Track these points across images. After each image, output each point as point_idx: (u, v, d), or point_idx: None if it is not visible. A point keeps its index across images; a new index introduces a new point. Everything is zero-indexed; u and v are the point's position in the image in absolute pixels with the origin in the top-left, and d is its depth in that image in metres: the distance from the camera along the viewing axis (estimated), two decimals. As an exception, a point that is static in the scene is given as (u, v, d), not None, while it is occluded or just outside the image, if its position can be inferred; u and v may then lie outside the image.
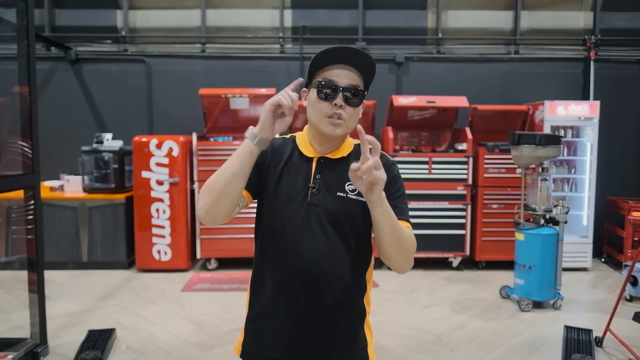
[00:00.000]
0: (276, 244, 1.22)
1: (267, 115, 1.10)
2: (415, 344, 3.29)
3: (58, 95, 5.53)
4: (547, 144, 3.91)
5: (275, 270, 1.22)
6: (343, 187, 1.22)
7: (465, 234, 4.99)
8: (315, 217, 1.20)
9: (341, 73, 1.17)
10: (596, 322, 3.66)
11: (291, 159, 1.26)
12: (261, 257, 1.26)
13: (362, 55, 1.17)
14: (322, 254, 1.19)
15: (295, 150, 1.27)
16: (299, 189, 1.22)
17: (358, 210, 1.21)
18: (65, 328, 3.50)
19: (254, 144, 1.10)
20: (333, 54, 1.17)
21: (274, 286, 1.22)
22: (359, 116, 1.23)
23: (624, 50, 5.61)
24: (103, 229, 4.93)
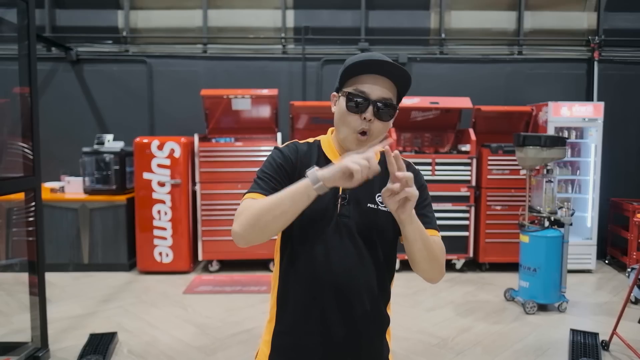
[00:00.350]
0: (306, 256, 1.18)
1: (338, 173, 0.99)
2: (421, 348, 3.26)
3: (59, 96, 5.50)
4: (552, 146, 3.88)
5: (305, 283, 1.18)
6: (373, 198, 1.19)
7: (469, 236, 4.95)
8: (345, 229, 1.17)
9: (373, 85, 1.12)
10: (602, 325, 3.63)
11: (319, 165, 1.19)
12: (288, 269, 1.22)
13: (398, 69, 1.12)
14: (353, 266, 1.17)
15: (321, 157, 1.22)
16: (328, 200, 1.17)
17: (388, 221, 1.18)
18: (66, 331, 3.46)
19: (314, 188, 1.01)
20: (368, 65, 1.12)
21: (304, 300, 1.18)
22: (388, 128, 1.19)
23: (627, 51, 5.58)
24: (104, 230, 4.89)
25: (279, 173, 1.17)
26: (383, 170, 1.20)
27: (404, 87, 1.16)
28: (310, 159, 1.21)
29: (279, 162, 1.18)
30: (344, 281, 1.17)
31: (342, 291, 1.17)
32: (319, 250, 1.17)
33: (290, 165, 1.18)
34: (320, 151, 1.24)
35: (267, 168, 1.18)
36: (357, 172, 0.96)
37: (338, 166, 0.99)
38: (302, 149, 1.23)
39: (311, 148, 1.24)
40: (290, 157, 1.19)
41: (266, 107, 5.06)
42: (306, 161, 1.21)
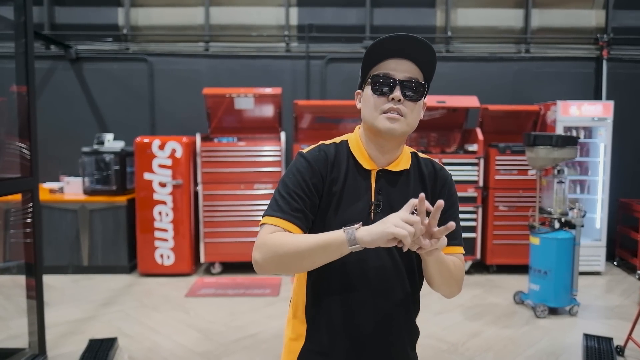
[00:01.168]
0: (339, 269, 1.09)
1: (381, 237, 0.90)
2: (431, 353, 3.17)
3: (58, 94, 5.40)
4: (564, 145, 3.79)
5: (341, 298, 1.10)
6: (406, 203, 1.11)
7: (476, 237, 4.86)
8: None
9: (398, 66, 1.06)
10: (615, 329, 3.54)
11: (349, 173, 1.12)
12: (318, 282, 1.13)
13: (420, 43, 1.04)
14: (389, 278, 1.11)
15: (350, 160, 1.13)
16: (361, 208, 1.10)
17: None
18: (65, 337, 3.37)
19: (349, 248, 0.94)
20: (387, 46, 1.05)
21: (340, 316, 1.10)
22: (421, 114, 1.11)
23: (637, 49, 5.49)
24: (104, 232, 4.80)
25: (305, 190, 1.07)
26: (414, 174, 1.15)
27: (429, 66, 1.08)
28: (340, 165, 1.12)
29: (305, 177, 1.08)
30: (381, 295, 1.10)
31: (380, 305, 1.10)
32: (354, 262, 1.08)
33: (320, 180, 1.09)
34: (348, 152, 1.14)
35: (292, 183, 1.07)
36: (405, 238, 0.88)
37: (381, 231, 0.90)
38: (331, 153, 1.13)
39: (339, 150, 1.15)
40: (318, 171, 1.09)
41: (269, 106, 4.97)
42: (336, 167, 1.11)
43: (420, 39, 1.04)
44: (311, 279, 1.15)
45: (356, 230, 0.93)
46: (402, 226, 0.88)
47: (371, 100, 1.07)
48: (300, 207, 1.05)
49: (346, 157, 1.13)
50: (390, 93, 1.05)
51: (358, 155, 1.13)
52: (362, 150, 1.14)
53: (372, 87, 1.07)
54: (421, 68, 1.07)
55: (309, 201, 1.07)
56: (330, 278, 1.11)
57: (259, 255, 1.01)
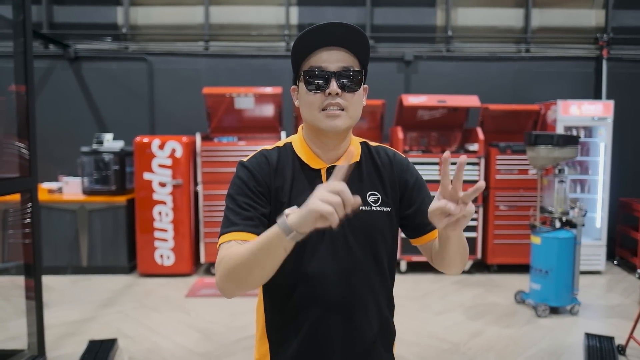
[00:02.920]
0: (300, 279, 1.03)
1: (311, 220, 0.81)
2: (432, 354, 3.15)
3: (56, 94, 5.38)
4: (565, 145, 3.78)
5: (304, 310, 1.04)
6: (365, 199, 1.05)
7: (477, 237, 4.86)
8: (341, 241, 1.03)
9: (329, 56, 0.99)
10: (616, 328, 3.54)
11: (296, 176, 1.05)
12: (278, 298, 1.07)
13: (348, 29, 0.97)
14: (356, 283, 1.04)
15: (296, 162, 1.07)
16: None
17: (385, 222, 1.07)
18: (64, 338, 3.35)
19: (287, 238, 0.84)
20: (314, 37, 0.98)
21: (305, 329, 1.03)
22: (363, 102, 1.05)
23: (636, 49, 5.49)
24: (103, 232, 4.77)
25: (252, 197, 1.01)
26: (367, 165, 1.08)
27: (363, 50, 1.02)
28: (284, 169, 1.06)
29: (250, 185, 1.02)
30: (348, 300, 1.03)
31: (348, 312, 1.04)
32: (316, 272, 1.02)
33: (265, 188, 1.03)
34: (293, 154, 1.08)
35: (237, 193, 1.02)
36: (331, 215, 0.77)
37: (307, 210, 0.80)
38: (273, 158, 1.06)
39: (282, 153, 1.08)
40: (262, 179, 1.03)
41: (270, 106, 4.96)
42: (280, 172, 1.05)
43: (345, 24, 0.97)
44: (267, 295, 1.09)
45: (287, 218, 0.84)
46: (326, 199, 0.77)
47: (308, 98, 1.01)
48: (252, 214, 1.00)
49: (291, 159, 1.07)
50: (326, 87, 0.99)
51: (304, 156, 1.07)
52: (307, 150, 1.07)
53: (306, 83, 1.01)
54: (354, 53, 1.01)
55: (259, 207, 1.01)
56: (285, 293, 1.05)
57: (217, 278, 0.95)
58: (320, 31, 0.98)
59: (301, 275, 1.03)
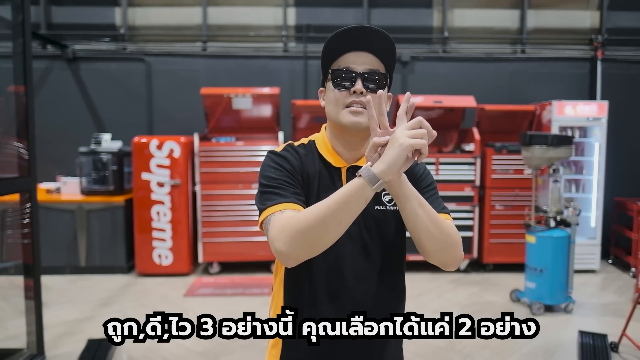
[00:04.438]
0: (316, 275, 1.07)
1: (400, 157, 0.86)
2: (428, 351, 3.19)
3: (55, 94, 5.39)
4: (559, 145, 3.83)
5: (316, 303, 1.08)
6: (380, 198, 1.08)
7: (473, 236, 4.90)
8: (358, 240, 1.07)
9: (357, 59, 1.04)
10: (609, 326, 3.58)
11: (321, 173, 1.09)
12: (294, 288, 1.11)
13: (376, 33, 1.02)
14: (373, 284, 1.08)
15: (319, 160, 1.11)
16: None
17: (399, 221, 1.09)
18: (63, 337, 3.37)
19: (373, 188, 0.87)
20: (344, 40, 1.03)
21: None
22: (386, 108, 1.07)
23: (631, 50, 5.55)
24: (102, 232, 4.79)
25: (290, 177, 1.04)
26: None
27: (389, 56, 1.06)
28: (311, 165, 1.10)
29: (286, 166, 1.05)
30: (361, 298, 1.07)
31: (359, 308, 1.06)
32: (329, 268, 1.06)
33: (298, 172, 1.06)
34: (316, 152, 1.12)
35: (275, 173, 1.03)
36: (424, 147, 0.86)
37: (398, 151, 0.86)
38: (300, 152, 1.11)
39: (307, 150, 1.13)
40: (295, 164, 1.07)
41: (267, 106, 4.98)
42: (307, 167, 1.09)
43: (376, 29, 1.02)
44: (287, 284, 1.12)
45: (371, 168, 0.88)
46: (413, 135, 0.86)
47: (333, 95, 1.05)
48: (297, 190, 1.02)
49: (314, 157, 1.11)
50: (351, 86, 1.03)
51: (326, 154, 1.10)
52: (330, 149, 1.11)
53: (333, 82, 1.05)
54: (381, 58, 1.05)
55: (299, 187, 1.03)
56: (305, 283, 1.08)
57: (281, 244, 0.91)
58: (350, 34, 1.03)
59: (323, 274, 1.07)
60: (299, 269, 1.02)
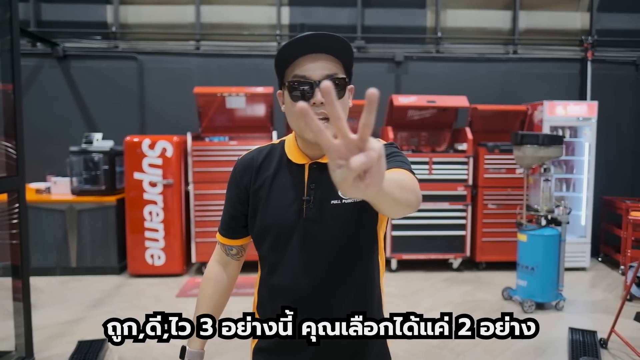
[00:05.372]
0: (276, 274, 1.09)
1: None
2: (421, 349, 3.20)
3: (44, 93, 5.32)
4: (550, 144, 3.86)
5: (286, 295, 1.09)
6: (335, 193, 1.06)
7: (466, 235, 4.93)
8: (313, 236, 1.05)
9: (313, 65, 0.99)
10: (599, 322, 3.63)
11: (279, 171, 1.10)
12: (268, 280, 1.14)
13: (329, 38, 0.98)
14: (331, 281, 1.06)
15: (283, 157, 1.11)
16: (290, 204, 1.07)
17: (357, 214, 1.06)
18: (53, 339, 3.33)
19: None
20: (297, 47, 0.99)
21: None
22: (349, 104, 1.06)
23: (620, 51, 5.62)
24: (93, 232, 4.74)
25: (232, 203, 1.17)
26: None
27: (346, 57, 1.03)
28: (269, 165, 1.11)
29: (232, 192, 1.17)
30: (324, 301, 1.06)
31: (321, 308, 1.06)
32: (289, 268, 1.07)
33: (243, 190, 1.14)
34: (282, 151, 1.13)
35: (227, 205, 1.20)
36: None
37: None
38: (261, 156, 1.14)
39: (274, 150, 1.15)
40: (242, 182, 1.14)
41: (261, 106, 4.97)
42: (264, 169, 1.11)
43: (325, 35, 0.97)
44: (262, 275, 1.16)
45: None
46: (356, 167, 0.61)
47: (292, 108, 1.02)
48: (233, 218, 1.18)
49: (278, 156, 1.12)
50: (310, 97, 0.99)
51: (290, 153, 1.11)
52: (295, 147, 1.11)
53: (290, 95, 1.02)
54: (338, 57, 1.02)
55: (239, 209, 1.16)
56: (275, 274, 1.10)
57: None
58: (301, 43, 0.99)
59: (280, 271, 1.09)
60: (267, 267, 1.12)
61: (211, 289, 1.22)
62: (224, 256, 1.25)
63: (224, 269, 1.25)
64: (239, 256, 1.24)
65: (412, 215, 4.84)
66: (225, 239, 1.22)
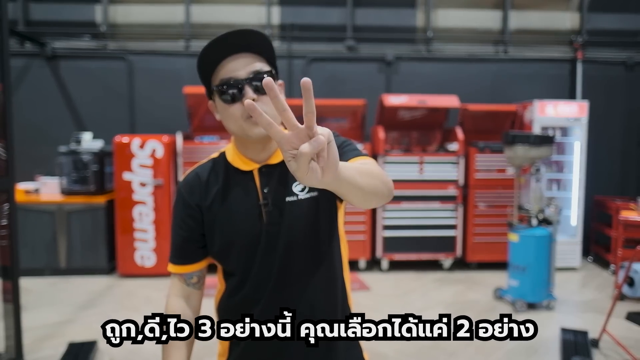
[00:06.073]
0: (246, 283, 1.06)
1: None
2: (413, 350, 3.21)
3: (33, 93, 5.27)
4: (541, 144, 3.89)
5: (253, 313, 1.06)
6: (291, 190, 1.05)
7: (457, 235, 4.94)
8: (278, 237, 1.04)
9: (236, 64, 0.98)
10: (590, 322, 3.65)
11: (229, 182, 1.08)
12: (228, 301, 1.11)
13: (245, 34, 0.97)
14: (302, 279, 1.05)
15: (229, 169, 1.09)
16: (248, 211, 1.05)
17: (314, 206, 1.04)
18: (43, 340, 3.30)
19: None
20: (216, 50, 0.98)
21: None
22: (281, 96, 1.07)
23: (610, 52, 5.66)
24: (82, 233, 4.70)
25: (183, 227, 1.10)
26: None
27: (266, 51, 1.01)
28: (216, 179, 1.09)
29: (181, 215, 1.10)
30: (291, 298, 1.04)
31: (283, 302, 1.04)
32: (259, 270, 1.05)
33: (195, 209, 1.09)
34: (225, 162, 1.10)
35: (174, 223, 1.12)
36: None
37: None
38: (205, 173, 1.10)
39: (215, 164, 1.12)
40: (192, 202, 1.09)
41: (252, 106, 4.94)
42: (212, 184, 1.08)
43: (240, 31, 0.97)
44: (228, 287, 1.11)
45: None
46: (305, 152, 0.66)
47: (228, 111, 1.00)
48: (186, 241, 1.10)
49: (223, 168, 1.09)
50: (241, 96, 0.98)
51: (235, 161, 1.09)
52: (239, 155, 1.09)
53: (221, 98, 1.00)
54: (259, 54, 1.01)
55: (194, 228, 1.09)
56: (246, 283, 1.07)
57: None
58: (220, 43, 0.97)
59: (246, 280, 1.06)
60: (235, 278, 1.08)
61: None
62: (185, 288, 1.13)
63: (186, 304, 1.13)
64: (200, 284, 1.14)
65: (403, 215, 4.85)
66: (181, 266, 1.11)
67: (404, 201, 4.78)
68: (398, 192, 4.64)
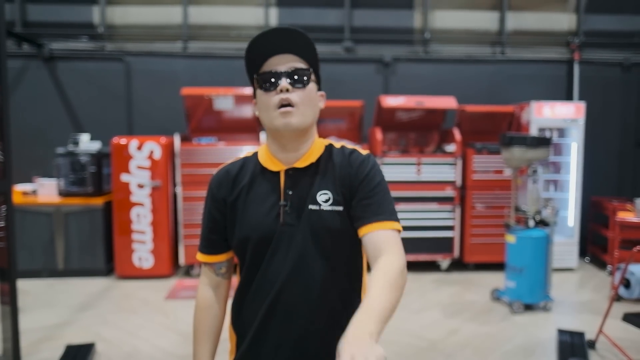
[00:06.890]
0: (257, 280, 1.10)
1: None
2: (411, 351, 3.21)
3: (31, 94, 5.26)
4: (538, 146, 3.89)
5: (257, 309, 1.10)
6: (314, 198, 1.07)
7: (454, 236, 4.95)
8: (291, 241, 1.06)
9: (279, 61, 1.07)
10: (587, 323, 3.66)
11: (254, 181, 1.12)
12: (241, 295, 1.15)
13: (292, 34, 1.05)
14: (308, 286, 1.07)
15: (258, 167, 1.14)
16: (268, 211, 1.08)
17: (336, 220, 1.07)
18: (40, 343, 3.29)
19: None
20: (263, 47, 1.06)
21: (258, 328, 1.09)
22: (316, 101, 1.10)
23: (607, 53, 5.68)
24: (80, 235, 4.69)
25: (211, 219, 1.16)
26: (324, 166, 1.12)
27: (310, 53, 1.09)
28: (244, 176, 1.14)
29: (209, 208, 1.17)
30: (294, 302, 1.06)
31: (295, 314, 1.06)
32: (268, 273, 1.08)
33: (221, 202, 1.15)
34: (256, 161, 1.15)
35: (204, 215, 1.18)
36: None
37: None
38: (235, 169, 1.16)
39: (247, 162, 1.17)
40: (219, 196, 1.15)
41: (249, 107, 4.95)
42: (240, 181, 1.13)
43: (291, 29, 1.05)
44: (241, 284, 1.15)
45: None
46: None
47: (263, 99, 1.07)
48: (213, 232, 1.16)
49: (253, 165, 1.15)
50: (277, 86, 1.05)
51: (264, 161, 1.13)
52: (269, 155, 1.13)
53: (260, 87, 1.08)
54: (302, 56, 1.08)
55: (219, 221, 1.15)
56: (248, 289, 1.11)
57: None
58: (268, 39, 1.05)
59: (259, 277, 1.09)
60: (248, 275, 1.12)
61: (208, 317, 1.19)
62: (214, 278, 1.20)
63: (215, 293, 1.20)
64: (228, 274, 1.21)
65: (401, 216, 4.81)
66: (209, 256, 1.18)
67: (401, 202, 4.79)
68: (395, 194, 4.64)
